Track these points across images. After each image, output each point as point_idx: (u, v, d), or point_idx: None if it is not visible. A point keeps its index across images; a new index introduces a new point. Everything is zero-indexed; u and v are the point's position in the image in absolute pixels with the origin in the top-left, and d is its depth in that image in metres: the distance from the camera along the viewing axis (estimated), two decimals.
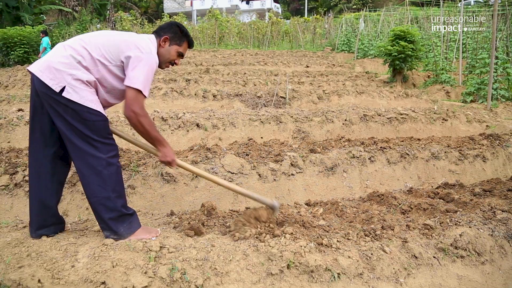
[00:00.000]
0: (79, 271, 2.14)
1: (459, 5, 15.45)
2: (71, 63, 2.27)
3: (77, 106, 2.25)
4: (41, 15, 21.93)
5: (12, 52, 14.81)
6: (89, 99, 2.28)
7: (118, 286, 2.08)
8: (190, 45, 2.70)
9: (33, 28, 16.08)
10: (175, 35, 2.58)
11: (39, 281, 2.07)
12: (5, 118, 5.62)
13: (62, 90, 2.22)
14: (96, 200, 2.38)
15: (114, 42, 2.36)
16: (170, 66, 2.67)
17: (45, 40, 13.66)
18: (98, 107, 2.33)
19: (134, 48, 2.33)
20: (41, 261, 2.19)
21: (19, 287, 2.04)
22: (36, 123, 2.40)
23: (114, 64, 2.34)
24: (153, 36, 2.55)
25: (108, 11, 28.08)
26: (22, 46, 14.81)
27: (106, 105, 2.46)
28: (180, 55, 2.65)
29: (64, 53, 2.29)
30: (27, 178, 3.56)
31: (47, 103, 2.28)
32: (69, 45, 2.33)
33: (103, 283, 2.09)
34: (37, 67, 2.28)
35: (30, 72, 2.33)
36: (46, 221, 2.50)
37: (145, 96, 2.35)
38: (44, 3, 21.85)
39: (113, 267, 2.15)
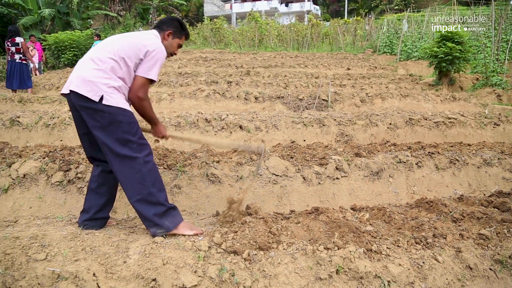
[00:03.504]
0: (130, 267, 2.20)
1: (511, 2, 14.71)
2: (102, 73, 2.47)
3: (114, 110, 2.44)
4: (89, 20, 22.94)
5: (62, 55, 15.55)
6: (123, 103, 2.50)
7: (169, 283, 2.12)
8: (187, 37, 3.00)
9: (81, 32, 16.82)
10: (177, 29, 2.86)
11: (94, 274, 2.14)
12: (58, 117, 5.90)
13: (101, 99, 2.41)
14: (140, 198, 2.51)
15: (131, 44, 2.58)
16: (170, 56, 2.94)
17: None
18: (130, 109, 2.57)
19: (149, 45, 2.59)
20: (95, 256, 2.26)
21: (75, 279, 2.12)
22: (82, 134, 2.66)
23: (135, 62, 2.56)
24: (155, 31, 2.80)
25: (150, 15, 28.97)
26: (72, 49, 15.52)
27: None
28: (179, 46, 2.95)
29: (94, 66, 2.50)
30: (79, 175, 3.71)
31: (86, 114, 2.47)
32: (96, 57, 2.54)
33: (154, 280, 2.13)
34: (73, 84, 2.47)
35: (64, 94, 2.55)
36: (95, 215, 2.72)
37: (151, 83, 2.65)
38: (92, 8, 22.88)
39: (164, 264, 2.19)
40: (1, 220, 3.06)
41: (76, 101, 2.46)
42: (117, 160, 2.48)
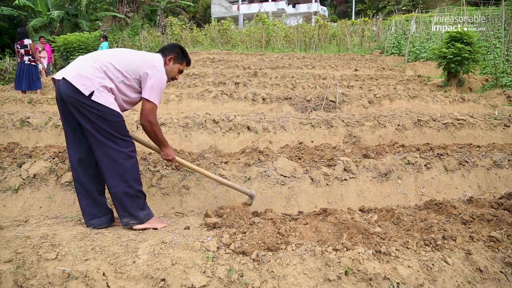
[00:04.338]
0: (140, 267, 2.21)
1: None
2: (99, 72, 2.61)
3: (102, 108, 2.57)
4: (97, 22, 23.12)
5: (71, 57, 15.64)
6: (112, 102, 2.63)
7: (178, 283, 2.12)
8: (188, 64, 3.18)
9: (90, 34, 16.95)
10: (178, 55, 3.03)
11: (103, 274, 2.15)
12: None
13: (90, 94, 2.53)
14: (120, 189, 2.68)
15: (134, 60, 2.75)
16: (171, 81, 3.10)
17: (105, 45, 14.36)
18: (118, 109, 2.68)
19: (151, 67, 2.75)
20: (105, 255, 2.28)
21: (85, 278, 2.13)
22: (67, 125, 2.72)
23: (133, 77, 2.72)
24: (159, 55, 2.95)
25: (158, 17, 29.08)
26: (80, 50, 15.60)
27: (121, 109, 2.80)
28: (180, 72, 3.12)
29: (94, 64, 2.63)
30: None
31: (72, 106, 2.56)
32: (97, 58, 2.69)
33: (163, 280, 2.14)
34: (68, 74, 2.58)
35: (57, 80, 2.62)
36: (96, 212, 2.80)
37: (157, 106, 2.80)
38: (100, 10, 23.10)
39: (173, 265, 2.21)
40: (12, 219, 3.10)
41: (65, 90, 2.55)
42: (103, 150, 2.63)
